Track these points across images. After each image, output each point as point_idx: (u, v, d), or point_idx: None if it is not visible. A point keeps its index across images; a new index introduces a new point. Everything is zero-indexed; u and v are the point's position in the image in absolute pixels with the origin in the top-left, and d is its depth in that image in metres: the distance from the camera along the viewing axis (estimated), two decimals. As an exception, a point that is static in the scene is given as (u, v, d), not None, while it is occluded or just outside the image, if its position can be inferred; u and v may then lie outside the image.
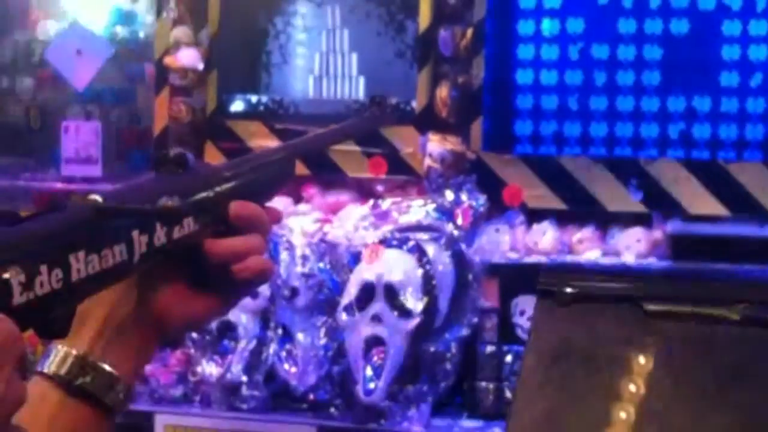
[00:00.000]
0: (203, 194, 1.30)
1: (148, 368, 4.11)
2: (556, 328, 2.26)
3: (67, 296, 1.09)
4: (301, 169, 4.41)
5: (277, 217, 1.40)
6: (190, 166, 1.30)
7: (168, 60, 4.57)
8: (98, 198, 1.15)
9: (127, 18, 4.97)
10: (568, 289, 2.25)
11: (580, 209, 4.15)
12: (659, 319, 2.25)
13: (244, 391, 3.98)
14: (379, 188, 4.39)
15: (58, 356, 1.27)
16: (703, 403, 2.18)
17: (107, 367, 1.28)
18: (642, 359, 2.20)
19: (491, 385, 3.94)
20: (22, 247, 1.06)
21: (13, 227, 1.07)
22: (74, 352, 1.27)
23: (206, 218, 1.29)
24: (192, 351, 4.06)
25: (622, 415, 2.21)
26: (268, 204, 1.40)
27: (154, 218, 1.21)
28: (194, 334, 4.03)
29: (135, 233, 1.18)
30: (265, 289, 3.96)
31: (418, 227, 4.01)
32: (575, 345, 2.24)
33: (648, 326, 2.22)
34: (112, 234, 1.16)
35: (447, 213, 4.06)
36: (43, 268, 1.06)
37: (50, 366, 1.27)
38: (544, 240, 4.11)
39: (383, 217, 4.12)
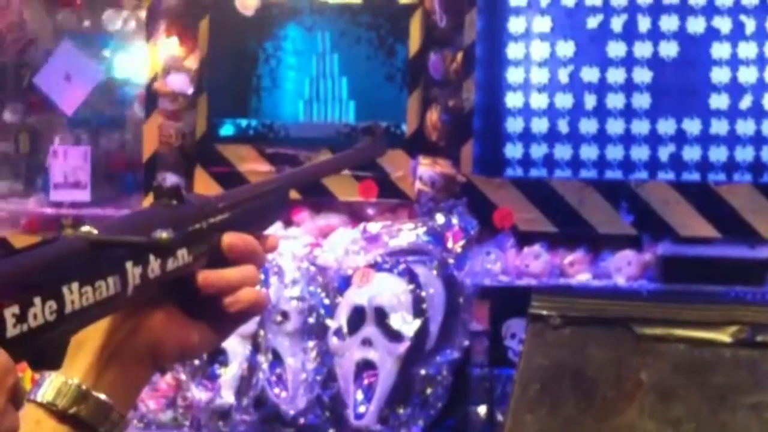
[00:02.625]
0: (197, 226, 1.30)
1: (139, 393, 4.09)
2: (547, 351, 2.26)
3: (60, 328, 1.09)
4: (291, 192, 4.40)
5: (273, 246, 1.41)
6: (185, 197, 1.30)
7: (157, 84, 4.57)
8: (92, 230, 1.16)
9: (116, 42, 4.97)
10: (559, 313, 2.25)
11: (570, 232, 4.15)
12: (651, 342, 2.25)
13: (234, 415, 3.97)
14: (370, 212, 4.39)
15: (51, 384, 1.27)
16: (696, 426, 2.18)
17: (101, 396, 1.27)
18: (633, 382, 2.19)
19: (483, 409, 3.94)
20: (16, 279, 1.06)
21: (7, 259, 1.07)
22: (68, 380, 1.27)
23: (200, 250, 1.29)
24: (182, 376, 4.05)
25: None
26: (266, 232, 1.40)
27: (147, 250, 1.21)
28: (185, 359, 4.02)
29: (129, 265, 1.18)
30: (255, 314, 3.96)
31: (409, 251, 4.01)
32: (566, 368, 2.24)
33: (639, 349, 2.22)
34: (106, 266, 1.16)
35: (437, 236, 4.06)
36: (37, 300, 1.06)
37: (44, 394, 1.27)
38: (535, 263, 4.12)
39: (373, 240, 4.12)
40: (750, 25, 4.12)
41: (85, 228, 1.16)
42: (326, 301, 4.00)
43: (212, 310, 1.33)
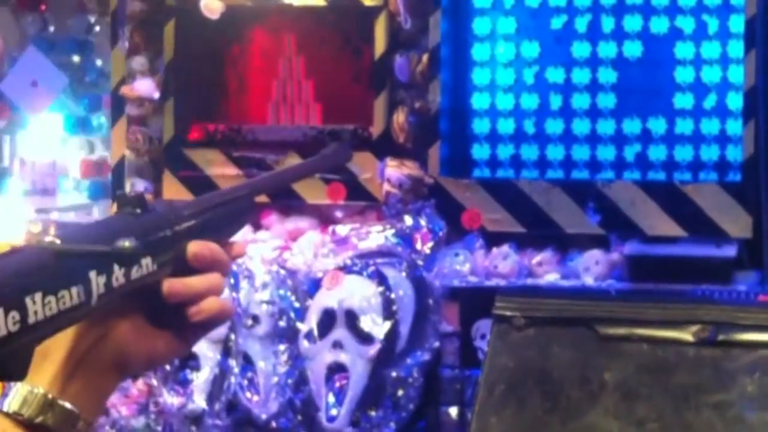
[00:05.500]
0: (161, 234, 1.30)
1: (110, 399, 4.09)
2: (512, 352, 2.27)
3: (24, 338, 1.10)
4: (259, 196, 4.40)
5: (239, 253, 1.41)
6: (149, 205, 1.30)
7: (124, 89, 4.56)
8: (56, 240, 1.16)
9: (82, 48, 4.96)
10: (523, 314, 2.26)
11: (538, 232, 4.17)
12: (614, 342, 2.26)
13: (207, 420, 3.97)
14: (338, 214, 4.39)
15: (17, 394, 1.27)
16: (660, 426, 2.19)
17: (68, 405, 1.28)
18: (598, 382, 2.20)
19: (454, 410, 3.95)
20: None
21: None
22: (34, 389, 1.27)
23: (165, 258, 1.29)
24: (153, 381, 4.05)
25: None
26: (232, 239, 1.40)
27: (111, 259, 1.21)
28: (155, 364, 4.01)
29: (92, 274, 1.19)
30: (225, 318, 3.96)
31: (378, 253, 4.02)
32: (531, 369, 2.25)
33: (603, 349, 2.23)
34: (70, 276, 1.16)
35: (406, 238, 4.07)
36: (0, 311, 1.06)
37: (10, 404, 1.27)
38: (503, 263, 4.13)
39: (343, 243, 4.12)
40: (713, 24, 4.14)
41: (49, 238, 1.16)
42: (296, 305, 4.00)
43: (178, 318, 1.33)
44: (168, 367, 4.01)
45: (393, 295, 3.87)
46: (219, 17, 4.48)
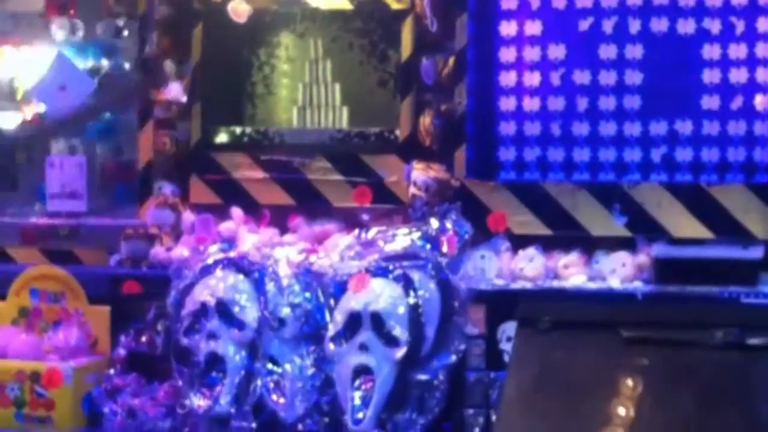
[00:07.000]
0: None
1: (136, 401, 4.10)
2: (537, 355, 2.27)
3: None
4: (286, 199, 4.42)
5: None
6: None
7: (151, 93, 4.58)
8: None
9: (111, 52, 4.99)
10: (548, 317, 2.26)
11: (564, 234, 4.16)
12: (638, 345, 2.25)
13: (233, 422, 3.98)
14: (365, 217, 4.40)
15: None
16: (683, 427, 2.19)
17: None
18: (621, 385, 2.20)
19: (479, 412, 3.94)
20: None
21: None
22: None
23: None
24: (180, 383, 4.06)
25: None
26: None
27: None
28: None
29: None
30: (252, 321, 3.97)
31: (404, 256, 4.01)
32: (555, 372, 2.25)
33: (627, 352, 2.23)
34: None
35: (432, 241, 4.06)
36: None
37: None
38: (529, 266, 4.12)
39: (369, 246, 4.12)
40: (740, 26, 4.13)
41: None
42: (322, 307, 4.00)
43: None
44: (195, 370, 4.02)
45: (419, 298, 3.87)
46: (246, 21, 4.50)
